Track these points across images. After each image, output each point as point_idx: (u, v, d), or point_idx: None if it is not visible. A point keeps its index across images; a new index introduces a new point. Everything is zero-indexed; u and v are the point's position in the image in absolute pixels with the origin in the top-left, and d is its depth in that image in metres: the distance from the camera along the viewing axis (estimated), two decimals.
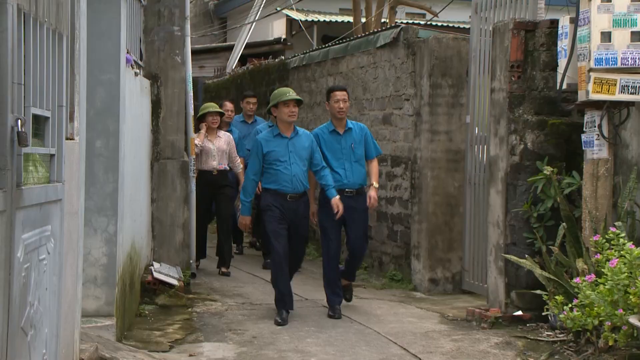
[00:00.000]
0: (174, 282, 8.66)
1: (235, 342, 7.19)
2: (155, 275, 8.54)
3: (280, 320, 7.84)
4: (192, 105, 10.10)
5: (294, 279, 9.58)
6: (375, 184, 8.43)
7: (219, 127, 10.60)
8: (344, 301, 8.48)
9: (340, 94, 8.25)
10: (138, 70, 8.25)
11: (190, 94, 9.98)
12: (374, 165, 8.50)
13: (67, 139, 4.56)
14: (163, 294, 8.46)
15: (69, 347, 4.79)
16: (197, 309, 8.44)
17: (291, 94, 8.13)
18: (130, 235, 7.47)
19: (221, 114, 10.67)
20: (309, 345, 7.11)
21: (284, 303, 7.99)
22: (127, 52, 7.13)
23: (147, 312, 8.03)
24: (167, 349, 6.84)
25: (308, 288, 9.47)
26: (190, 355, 6.69)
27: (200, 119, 10.53)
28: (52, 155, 4.24)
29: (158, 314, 8.06)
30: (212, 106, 10.72)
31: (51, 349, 4.22)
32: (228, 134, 10.73)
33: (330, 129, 8.32)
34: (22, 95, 3.54)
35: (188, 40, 9.80)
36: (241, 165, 10.51)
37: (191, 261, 9.89)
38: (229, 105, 11.43)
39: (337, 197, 7.95)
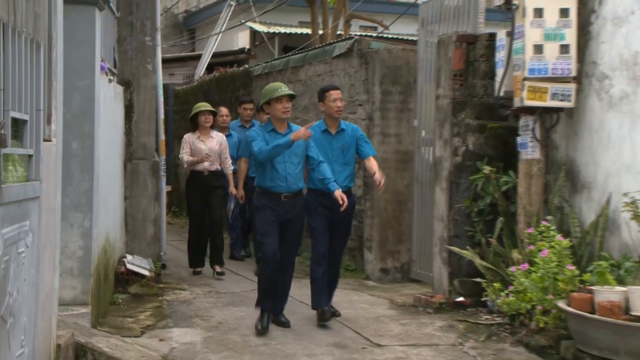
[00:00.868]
0: (146, 272, 8.61)
1: (202, 328, 7.17)
2: (128, 266, 8.49)
3: (260, 328, 6.98)
4: (163, 110, 10.05)
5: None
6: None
7: (212, 128, 9.87)
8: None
9: (336, 93, 7.35)
10: (112, 77, 8.19)
11: (161, 99, 9.93)
12: (373, 162, 7.45)
13: (44, 140, 4.51)
14: (135, 283, 8.40)
15: (47, 334, 4.75)
16: (167, 297, 8.39)
17: (283, 89, 7.03)
18: (105, 229, 7.41)
19: (214, 113, 9.87)
20: (271, 331, 7.08)
21: (266, 305, 7.16)
22: (102, 60, 7.08)
23: (120, 301, 7.96)
24: (139, 335, 6.79)
25: None
26: (161, 340, 6.65)
27: (192, 119, 9.76)
28: (30, 156, 4.21)
29: (131, 302, 8.00)
30: (204, 105, 9.88)
31: (29, 335, 4.18)
32: (221, 134, 9.96)
33: (322, 128, 7.38)
34: (2, 100, 3.51)
35: (159, 49, 9.74)
36: (232, 167, 9.76)
37: (162, 253, 9.85)
38: (224, 111, 10.78)
39: (339, 189, 6.98)
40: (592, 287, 5.99)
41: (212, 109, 9.90)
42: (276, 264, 7.01)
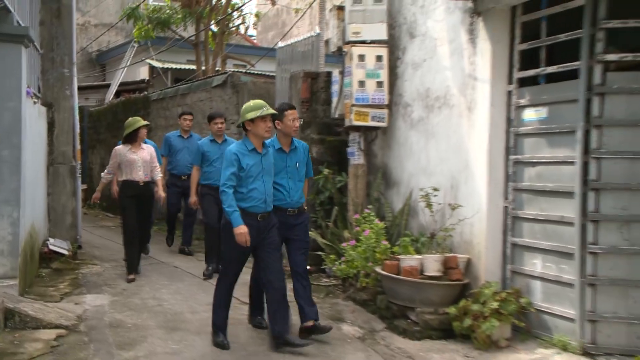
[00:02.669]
0: (65, 252, 8.29)
1: (109, 294, 6.96)
2: (51, 247, 8.14)
3: (220, 343, 5.32)
4: (79, 126, 9.67)
5: (152, 248, 9.32)
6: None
7: None
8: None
9: (293, 113, 5.62)
10: (37, 100, 7.84)
11: (77, 117, 9.53)
12: (306, 188, 5.91)
13: None
14: (56, 260, 8.06)
15: None
16: (82, 271, 8.08)
17: (267, 108, 5.24)
18: (31, 219, 7.07)
19: (148, 126, 8.10)
20: (163, 295, 6.98)
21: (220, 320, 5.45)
22: (28, 87, 6.76)
23: (44, 274, 7.61)
24: (59, 300, 6.52)
25: (164, 254, 9.27)
26: (76, 304, 6.42)
27: (132, 135, 7.75)
28: None
29: (52, 276, 7.66)
30: (140, 120, 7.88)
31: None
32: (149, 145, 8.11)
33: (276, 147, 5.61)
34: None
35: (75, 79, 9.37)
36: (160, 174, 7.96)
37: (78, 237, 9.46)
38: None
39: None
40: (399, 256, 6.17)
41: (147, 122, 8.15)
42: (231, 295, 5.43)
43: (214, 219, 7.71)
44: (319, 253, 7.45)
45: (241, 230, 5.05)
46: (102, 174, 7.93)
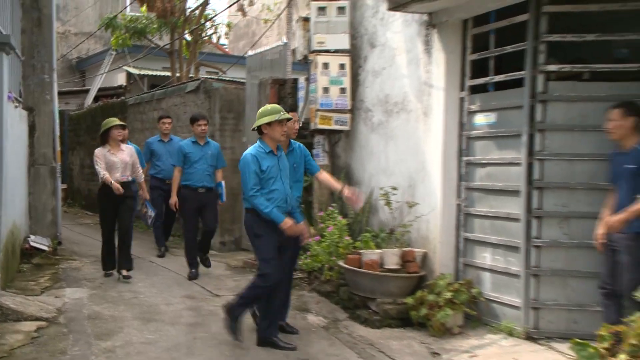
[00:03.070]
0: (45, 248, 8.18)
1: (88, 287, 6.89)
2: (32, 243, 8.03)
3: (235, 329, 5.13)
4: (59, 129, 9.54)
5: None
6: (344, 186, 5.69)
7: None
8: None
9: (294, 115, 5.62)
10: (18, 104, 7.72)
11: (57, 121, 9.41)
12: (327, 175, 5.81)
13: None
14: (37, 256, 7.95)
15: None
16: (62, 266, 7.98)
17: (284, 112, 5.05)
18: (12, 217, 6.94)
19: (124, 127, 7.47)
20: (139, 288, 6.93)
21: (242, 315, 5.18)
22: (9, 92, 6.64)
23: (25, 269, 7.50)
24: (39, 293, 6.44)
25: (141, 250, 9.19)
26: (56, 297, 6.34)
27: (105, 134, 7.27)
28: None
29: (33, 270, 7.55)
30: (115, 120, 7.33)
31: None
32: (130, 146, 7.63)
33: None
34: None
35: (55, 85, 9.24)
36: (143, 176, 7.64)
37: (58, 234, 9.34)
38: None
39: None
40: (361, 251, 6.20)
41: (123, 123, 7.52)
42: (273, 289, 5.07)
43: (193, 225, 7.47)
44: None
45: (287, 223, 4.86)
46: (101, 176, 7.18)
